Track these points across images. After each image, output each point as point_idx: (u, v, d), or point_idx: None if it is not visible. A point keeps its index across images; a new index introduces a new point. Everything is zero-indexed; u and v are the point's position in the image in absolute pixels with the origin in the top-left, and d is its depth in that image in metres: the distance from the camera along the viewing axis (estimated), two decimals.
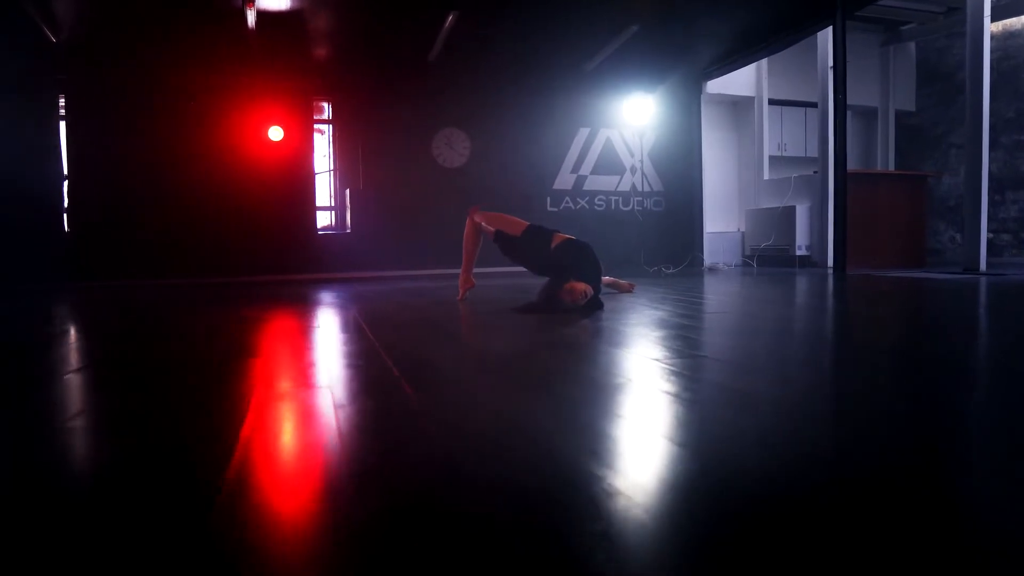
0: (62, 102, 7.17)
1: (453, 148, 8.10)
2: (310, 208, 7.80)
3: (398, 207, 7.76)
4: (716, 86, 8.93)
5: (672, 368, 1.92)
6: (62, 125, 7.15)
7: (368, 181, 7.81)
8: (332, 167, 8.01)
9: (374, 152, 7.79)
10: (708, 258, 8.84)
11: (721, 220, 9.68)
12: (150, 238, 7.20)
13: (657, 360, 2.06)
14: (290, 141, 7.50)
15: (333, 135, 7.96)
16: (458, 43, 7.06)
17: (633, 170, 8.76)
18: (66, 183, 7.17)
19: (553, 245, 3.85)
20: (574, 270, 3.47)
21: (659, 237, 8.75)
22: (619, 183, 8.81)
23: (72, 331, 3.24)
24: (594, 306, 3.43)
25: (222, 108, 7.33)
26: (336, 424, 1.37)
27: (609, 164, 8.76)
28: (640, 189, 8.75)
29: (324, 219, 8.13)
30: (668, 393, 1.62)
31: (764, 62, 8.89)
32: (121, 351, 2.56)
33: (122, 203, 7.14)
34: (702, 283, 5.86)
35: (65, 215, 7.20)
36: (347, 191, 7.83)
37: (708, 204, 9.15)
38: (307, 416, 1.47)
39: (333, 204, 8.06)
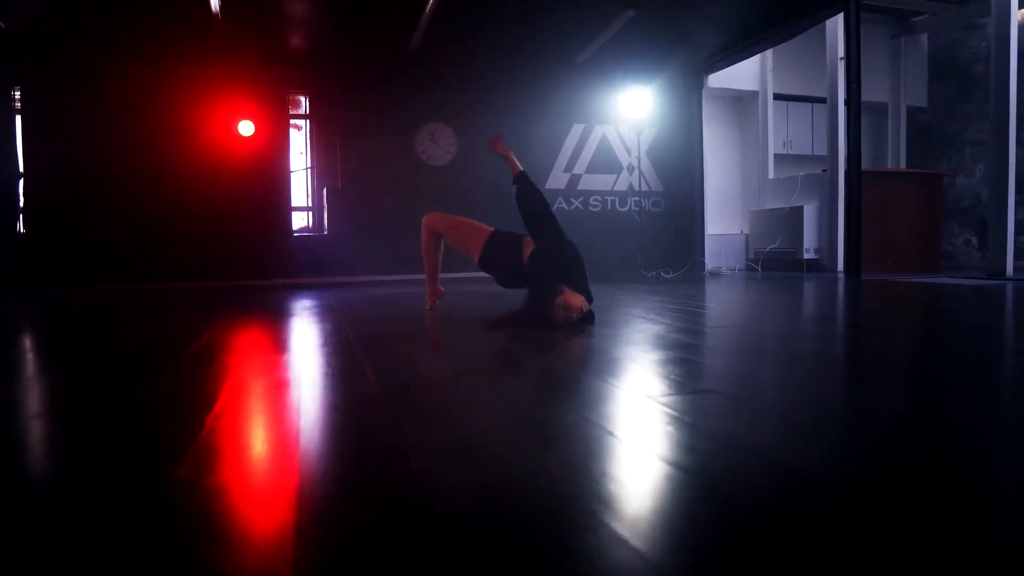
0: (17, 94, 6.69)
1: (438, 144, 7.60)
2: (285, 208, 7.29)
3: (378, 207, 7.26)
4: (718, 80, 8.43)
5: (670, 411, 1.42)
6: (18, 119, 6.68)
7: (346, 179, 7.31)
8: (309, 164, 7.50)
9: (353, 148, 7.29)
10: (710, 262, 8.34)
11: (723, 222, 9.17)
12: (112, 241, 6.70)
13: (651, 398, 1.56)
14: (263, 136, 6.99)
15: (310, 130, 7.45)
16: (442, 32, 6.58)
17: (630, 169, 8.26)
18: (22, 181, 6.68)
19: (525, 254, 3.36)
20: (567, 280, 2.96)
21: (658, 240, 8.25)
22: (615, 182, 8.31)
23: None
24: (585, 320, 2.93)
25: (191, 101, 6.82)
26: (166, 501, 0.87)
27: (605, 162, 8.26)
28: (638, 189, 8.25)
29: (301, 220, 7.62)
30: (664, 461, 1.12)
31: (769, 54, 8.40)
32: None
33: (81, 203, 6.65)
34: (703, 290, 5.36)
35: (20, 216, 6.71)
36: (324, 190, 7.33)
37: (710, 205, 8.64)
38: (127, 482, 0.97)
39: (310, 204, 7.55)
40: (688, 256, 8.19)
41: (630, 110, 7.76)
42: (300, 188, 7.57)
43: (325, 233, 7.36)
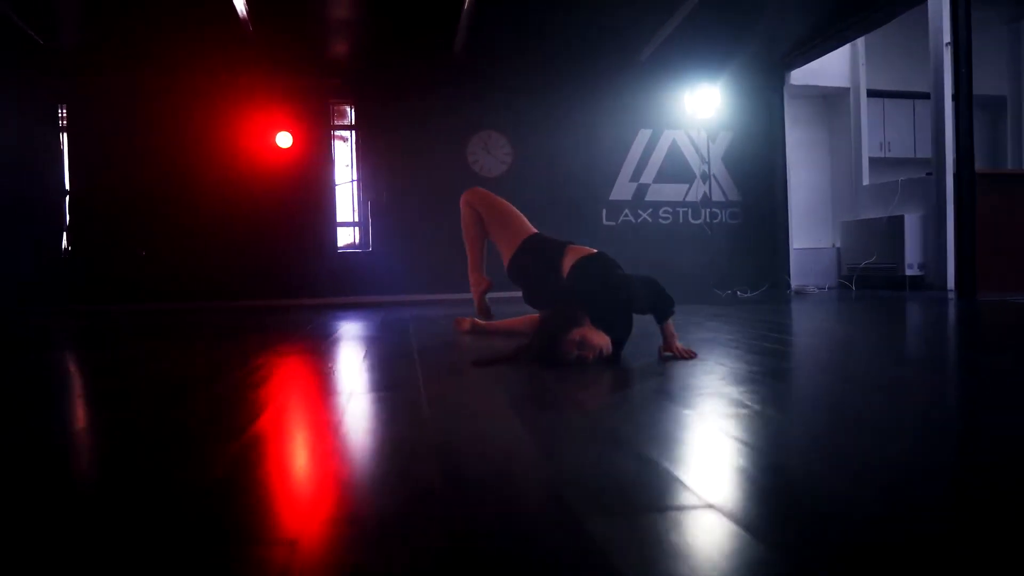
0: (64, 112, 6.59)
1: (492, 154, 7.08)
2: (329, 224, 6.94)
3: (427, 221, 6.77)
4: (802, 76, 7.55)
5: None
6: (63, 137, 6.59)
7: (393, 192, 6.89)
8: (356, 177, 7.11)
9: (400, 159, 6.86)
10: (796, 279, 7.46)
11: (811, 234, 8.23)
12: (154, 259, 6.52)
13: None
14: (306, 149, 6.68)
15: (356, 141, 7.06)
16: (490, 32, 6.08)
17: (704, 177, 7.49)
18: (67, 199, 6.58)
19: (565, 266, 2.68)
20: (589, 306, 2.31)
21: (736, 255, 7.44)
22: (688, 192, 7.56)
23: None
24: (610, 359, 2.28)
25: (233, 115, 6.58)
26: None
27: (675, 170, 7.52)
28: (712, 199, 7.48)
29: (349, 236, 7.22)
30: None
31: (860, 44, 7.46)
32: None
33: (124, 221, 6.51)
34: (787, 313, 4.58)
35: (65, 233, 6.59)
36: (368, 203, 6.93)
37: (795, 216, 7.75)
38: None
39: (357, 219, 7.15)
40: (770, 273, 7.35)
41: (702, 113, 7.04)
42: (347, 202, 7.18)
43: (370, 250, 6.95)
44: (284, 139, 6.46)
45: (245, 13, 5.42)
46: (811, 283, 7.37)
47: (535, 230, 3.08)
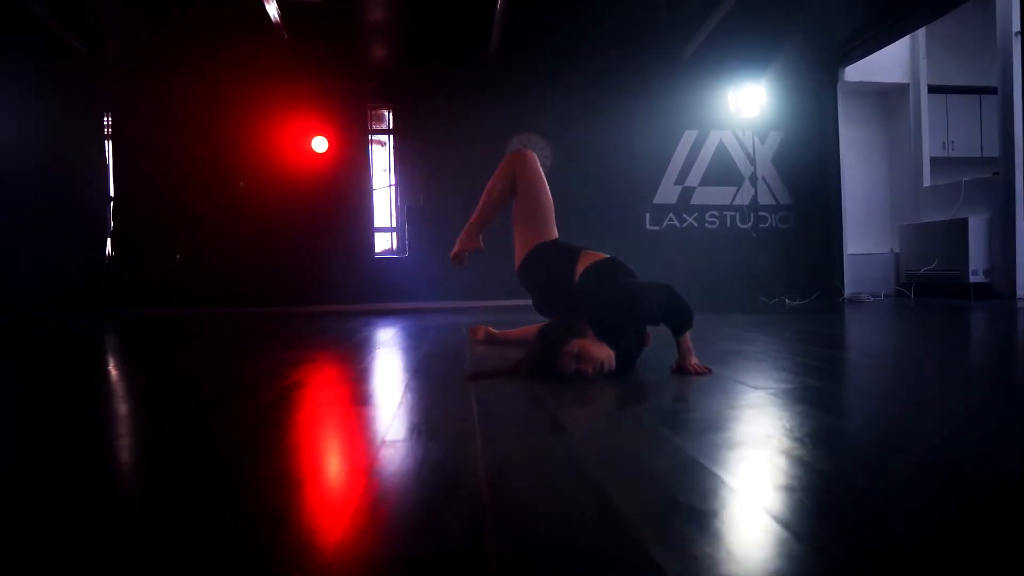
0: (108, 120, 6.71)
1: None
2: (367, 229, 6.90)
3: (463, 227, 6.65)
4: (857, 72, 7.15)
5: None
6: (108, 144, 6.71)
7: (429, 197, 6.80)
8: (393, 182, 7.04)
9: (437, 163, 6.78)
10: (850, 286, 7.08)
11: (867, 239, 7.79)
12: (192, 264, 6.59)
13: None
14: (343, 154, 6.67)
15: (394, 146, 7.00)
16: (529, 32, 5.94)
17: (753, 180, 7.17)
18: (112, 205, 6.69)
19: (578, 271, 2.50)
20: (593, 316, 2.12)
21: (785, 261, 7.09)
22: (736, 195, 7.26)
23: None
24: (616, 373, 2.09)
25: (271, 121, 6.60)
26: None
27: (723, 173, 7.23)
28: (761, 202, 7.15)
29: (385, 241, 7.15)
30: None
31: (921, 36, 7.04)
32: None
33: (165, 226, 6.61)
34: (839, 324, 4.28)
35: (109, 239, 6.69)
36: (405, 209, 6.85)
37: (850, 220, 7.36)
38: None
39: (394, 224, 7.08)
40: (823, 280, 6.98)
41: (750, 112, 6.72)
42: (384, 207, 7.12)
43: (407, 255, 6.87)
44: (321, 144, 6.45)
45: (278, 18, 5.40)
46: (866, 291, 6.97)
47: (556, 235, 2.90)
